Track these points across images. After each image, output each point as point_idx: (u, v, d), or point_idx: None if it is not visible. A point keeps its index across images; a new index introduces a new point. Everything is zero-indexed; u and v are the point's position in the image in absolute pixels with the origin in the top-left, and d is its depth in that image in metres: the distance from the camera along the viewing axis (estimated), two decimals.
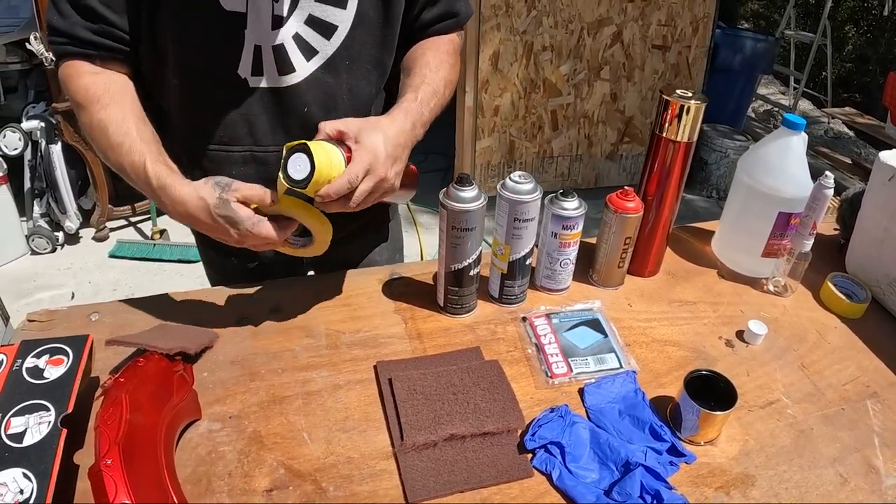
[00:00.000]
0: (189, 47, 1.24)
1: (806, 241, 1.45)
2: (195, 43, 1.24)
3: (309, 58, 1.27)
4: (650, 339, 1.33)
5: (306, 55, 1.27)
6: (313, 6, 1.23)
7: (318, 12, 1.24)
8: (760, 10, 9.11)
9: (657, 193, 1.43)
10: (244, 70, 1.25)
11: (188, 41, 1.24)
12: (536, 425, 1.09)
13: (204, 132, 1.33)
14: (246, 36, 1.22)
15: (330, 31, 1.26)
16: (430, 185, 4.80)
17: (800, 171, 1.41)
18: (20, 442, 0.99)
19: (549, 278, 1.42)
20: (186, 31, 1.22)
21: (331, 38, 1.27)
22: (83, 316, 1.36)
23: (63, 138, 3.87)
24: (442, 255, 1.30)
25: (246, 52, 1.23)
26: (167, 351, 1.17)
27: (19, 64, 3.93)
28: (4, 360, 1.14)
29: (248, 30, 1.21)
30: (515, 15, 4.07)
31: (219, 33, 1.22)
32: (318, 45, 1.27)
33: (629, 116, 4.61)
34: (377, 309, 1.39)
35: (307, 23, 1.24)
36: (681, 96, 1.33)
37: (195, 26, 1.22)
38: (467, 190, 1.22)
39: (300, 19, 1.24)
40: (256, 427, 1.11)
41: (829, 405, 1.20)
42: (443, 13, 1.39)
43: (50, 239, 4.08)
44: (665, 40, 4.40)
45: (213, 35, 1.22)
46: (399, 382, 1.17)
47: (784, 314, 1.43)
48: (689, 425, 1.09)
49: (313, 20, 1.24)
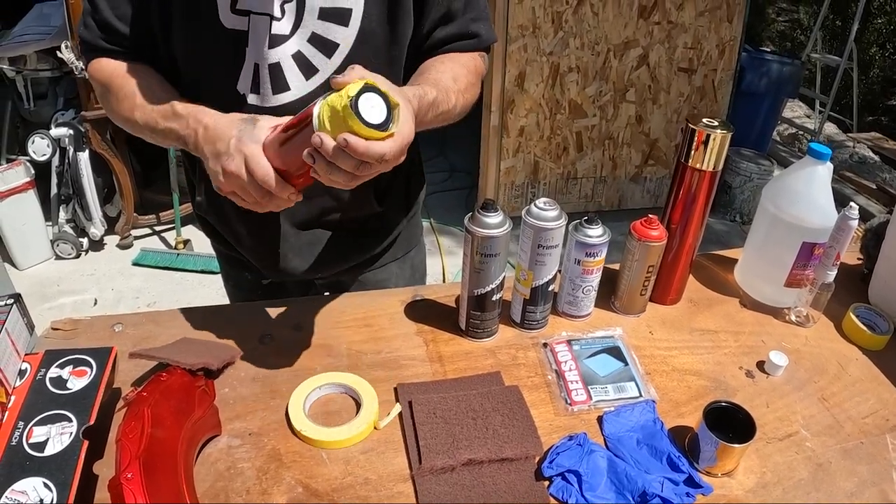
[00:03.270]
0: (193, 63, 1.29)
1: (829, 271, 1.44)
2: (198, 59, 1.28)
3: (309, 76, 1.28)
4: (670, 367, 1.33)
5: (306, 74, 1.28)
6: (316, 23, 1.24)
7: (320, 30, 1.25)
8: (786, 31, 9.08)
9: (681, 221, 1.43)
10: (243, 87, 1.28)
11: (192, 57, 1.28)
12: (554, 453, 1.09)
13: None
14: (247, 54, 1.25)
15: (331, 49, 1.27)
16: (454, 203, 4.88)
17: (825, 200, 1.41)
18: (42, 451, 1.01)
19: (572, 304, 1.43)
20: (191, 48, 1.27)
21: (332, 57, 1.27)
22: (107, 326, 1.38)
23: (91, 146, 3.92)
24: (465, 279, 1.31)
25: (246, 69, 1.26)
26: (190, 366, 1.18)
27: (49, 71, 3.97)
28: (28, 369, 1.16)
29: (249, 48, 1.24)
30: (542, 36, 4.08)
31: (220, 50, 1.25)
32: (318, 64, 1.27)
33: (654, 139, 4.60)
34: (399, 330, 1.40)
35: (310, 41, 1.25)
36: (706, 125, 1.33)
37: (199, 43, 1.26)
38: (492, 216, 1.23)
39: (303, 37, 1.25)
40: (276, 444, 1.13)
41: (849, 438, 1.20)
42: (459, 33, 1.36)
43: (74, 244, 4.13)
44: (691, 63, 4.39)
45: (215, 52, 1.25)
46: (419, 405, 1.17)
47: (805, 345, 1.42)
48: (707, 456, 1.09)
49: (316, 38, 1.25)
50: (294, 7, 1.22)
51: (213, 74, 1.28)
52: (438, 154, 5.49)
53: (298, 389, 1.20)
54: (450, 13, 1.33)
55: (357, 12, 1.24)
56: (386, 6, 1.27)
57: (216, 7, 1.20)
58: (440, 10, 1.32)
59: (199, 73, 1.30)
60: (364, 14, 1.25)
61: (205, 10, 1.21)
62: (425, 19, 1.32)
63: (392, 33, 1.30)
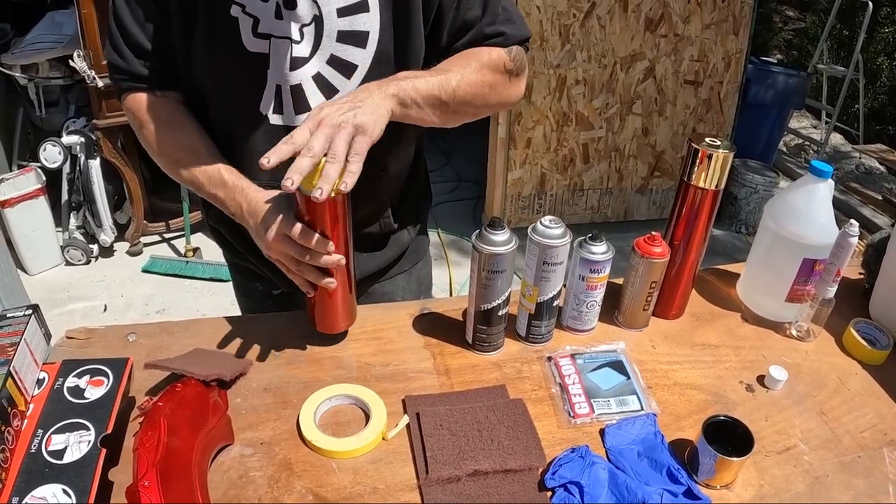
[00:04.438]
0: (216, 85, 1.33)
1: (830, 287, 1.45)
2: (221, 81, 1.32)
3: (329, 97, 1.31)
4: (672, 382, 1.36)
5: (327, 94, 1.31)
6: (335, 46, 1.28)
7: (339, 52, 1.29)
8: (793, 41, 9.07)
9: (684, 238, 1.45)
10: (265, 107, 1.32)
11: (215, 79, 1.32)
12: (557, 464, 1.12)
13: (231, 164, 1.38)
14: (268, 76, 1.29)
15: (350, 70, 1.31)
16: (461, 213, 4.90)
17: (825, 218, 1.43)
18: (60, 459, 1.03)
19: (576, 319, 1.45)
20: (214, 70, 1.31)
21: (351, 78, 1.31)
22: (120, 336, 1.40)
23: (102, 154, 3.95)
24: (472, 294, 1.34)
25: (268, 91, 1.30)
26: (203, 377, 1.21)
27: (61, 79, 3.99)
28: (46, 379, 1.19)
29: (270, 70, 1.28)
30: (550, 48, 4.12)
31: (243, 72, 1.29)
32: (338, 85, 1.31)
33: (660, 151, 4.62)
34: (406, 343, 1.42)
35: (329, 63, 1.29)
36: (709, 144, 1.36)
37: (222, 66, 1.30)
38: (499, 234, 1.25)
39: (322, 59, 1.29)
40: (287, 454, 1.15)
41: (846, 452, 1.22)
42: (474, 39, 1.36)
43: (85, 251, 4.16)
44: (697, 75, 4.42)
45: (238, 74, 1.29)
46: (426, 417, 1.20)
47: (805, 359, 1.44)
48: (706, 469, 1.11)
49: (335, 60, 1.29)
50: (312, 30, 1.26)
51: (236, 96, 1.32)
52: (445, 164, 5.52)
53: (309, 400, 1.23)
54: (466, 24, 1.35)
55: (374, 35, 1.28)
56: (398, 28, 1.30)
57: (238, 31, 1.24)
58: (457, 24, 1.34)
59: (221, 94, 1.34)
60: (380, 36, 1.29)
61: (228, 33, 1.25)
62: (442, 34, 1.35)
63: (405, 54, 1.33)
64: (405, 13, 1.30)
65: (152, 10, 1.28)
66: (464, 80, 1.30)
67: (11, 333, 1.18)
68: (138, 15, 1.29)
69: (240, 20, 1.24)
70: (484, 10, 1.35)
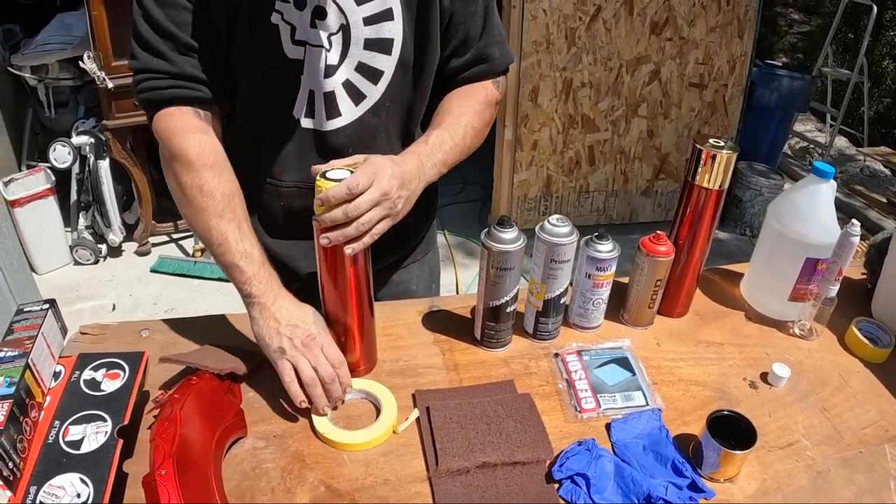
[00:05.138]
0: (251, 88, 1.35)
1: (832, 286, 1.46)
2: (257, 85, 1.34)
3: (357, 103, 1.36)
4: (676, 378, 1.37)
5: (355, 100, 1.36)
6: (362, 53, 1.32)
7: (366, 59, 1.33)
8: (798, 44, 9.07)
9: (688, 237, 1.47)
10: (298, 112, 1.35)
11: (251, 83, 1.34)
12: (564, 457, 1.14)
13: (259, 166, 1.42)
14: (302, 81, 1.32)
15: (377, 76, 1.35)
16: (467, 214, 4.91)
17: (828, 218, 1.44)
18: (77, 449, 1.06)
19: (582, 316, 1.47)
20: (251, 74, 1.33)
21: (377, 84, 1.36)
22: (134, 332, 1.43)
23: (111, 154, 3.97)
24: (481, 291, 1.36)
25: (301, 95, 1.33)
26: (218, 371, 1.23)
27: (71, 80, 4.01)
28: (63, 371, 1.21)
29: (304, 75, 1.31)
30: (556, 51, 4.13)
31: (279, 77, 1.31)
32: (366, 90, 1.35)
33: (665, 153, 4.63)
34: (416, 340, 1.44)
35: (357, 69, 1.33)
36: (713, 145, 1.38)
37: (259, 70, 1.32)
38: (508, 231, 1.27)
39: (350, 67, 1.33)
40: (299, 447, 1.17)
41: (848, 448, 1.23)
42: (472, 59, 1.44)
43: (93, 250, 4.17)
44: (702, 78, 4.43)
45: (274, 79, 1.32)
46: (436, 411, 1.22)
47: (808, 357, 1.46)
48: (710, 462, 1.13)
49: (362, 67, 1.33)
50: (340, 39, 1.29)
51: (269, 99, 1.35)
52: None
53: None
54: (468, 40, 1.40)
55: (398, 41, 1.33)
56: (418, 37, 1.35)
57: (279, 37, 1.27)
58: (460, 37, 1.40)
59: (255, 97, 1.37)
60: (402, 43, 1.33)
61: (268, 40, 1.27)
62: (447, 45, 1.40)
63: (422, 62, 1.38)
64: (426, 22, 1.34)
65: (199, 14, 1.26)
66: (469, 131, 1.40)
67: (29, 327, 1.21)
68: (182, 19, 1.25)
69: (280, 27, 1.27)
70: (483, 29, 1.42)
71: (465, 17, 1.38)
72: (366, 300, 1.28)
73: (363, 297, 1.27)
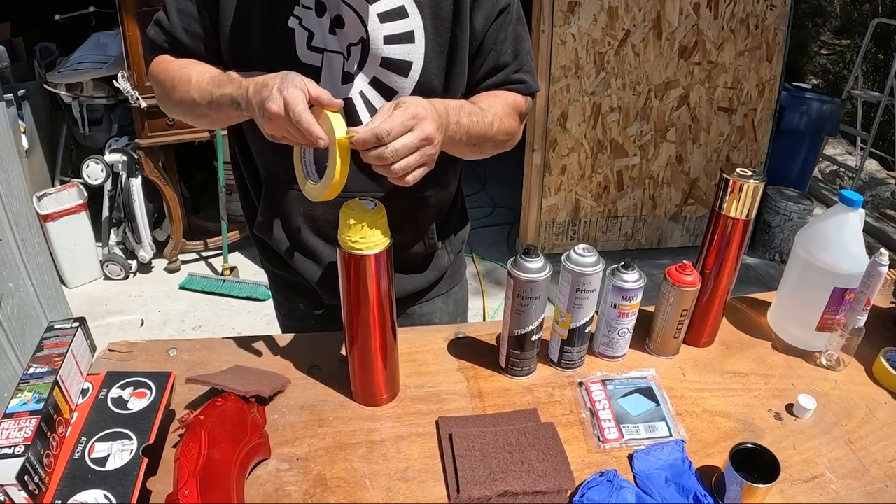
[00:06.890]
0: None
1: (860, 316, 1.46)
2: None
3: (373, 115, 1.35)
4: (701, 409, 1.37)
5: (371, 112, 1.35)
6: (378, 70, 1.33)
7: (381, 76, 1.33)
8: (829, 66, 9.01)
9: (715, 266, 1.46)
10: None
11: None
12: (586, 487, 1.14)
13: (277, 170, 1.43)
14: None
15: (390, 94, 1.35)
16: (496, 238, 4.93)
17: (856, 247, 1.43)
18: (103, 466, 1.08)
19: (607, 345, 1.47)
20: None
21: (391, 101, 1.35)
22: (161, 350, 1.45)
23: (143, 172, 4.04)
24: (506, 319, 1.36)
25: None
26: (244, 393, 1.24)
27: (105, 98, 4.10)
28: (91, 389, 1.23)
29: (322, 82, 1.31)
30: (585, 76, 4.14)
31: None
32: (379, 106, 1.34)
33: (694, 178, 4.62)
34: (441, 366, 1.45)
35: (371, 84, 1.34)
36: (740, 174, 1.37)
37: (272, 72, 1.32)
38: (534, 261, 1.28)
39: (365, 80, 1.34)
40: (321, 470, 1.18)
41: (873, 482, 1.22)
42: (505, 81, 1.43)
43: (123, 266, 4.26)
44: (731, 103, 4.42)
45: None
46: (458, 438, 1.22)
47: (835, 388, 1.44)
48: (732, 496, 1.12)
49: (377, 82, 1.34)
50: (359, 51, 1.31)
51: None
52: (481, 189, 5.56)
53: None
54: (498, 66, 1.40)
55: (417, 65, 1.33)
56: (445, 62, 1.35)
57: (294, 42, 1.29)
58: (490, 64, 1.39)
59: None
60: (423, 67, 1.33)
61: (282, 43, 1.29)
62: (476, 71, 1.40)
63: (447, 87, 1.37)
64: (454, 48, 1.34)
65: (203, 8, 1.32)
66: (497, 121, 1.35)
67: (59, 344, 1.23)
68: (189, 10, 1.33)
69: (296, 32, 1.29)
70: (515, 56, 1.41)
71: (495, 43, 1.38)
72: (389, 326, 1.28)
73: (386, 324, 1.27)
